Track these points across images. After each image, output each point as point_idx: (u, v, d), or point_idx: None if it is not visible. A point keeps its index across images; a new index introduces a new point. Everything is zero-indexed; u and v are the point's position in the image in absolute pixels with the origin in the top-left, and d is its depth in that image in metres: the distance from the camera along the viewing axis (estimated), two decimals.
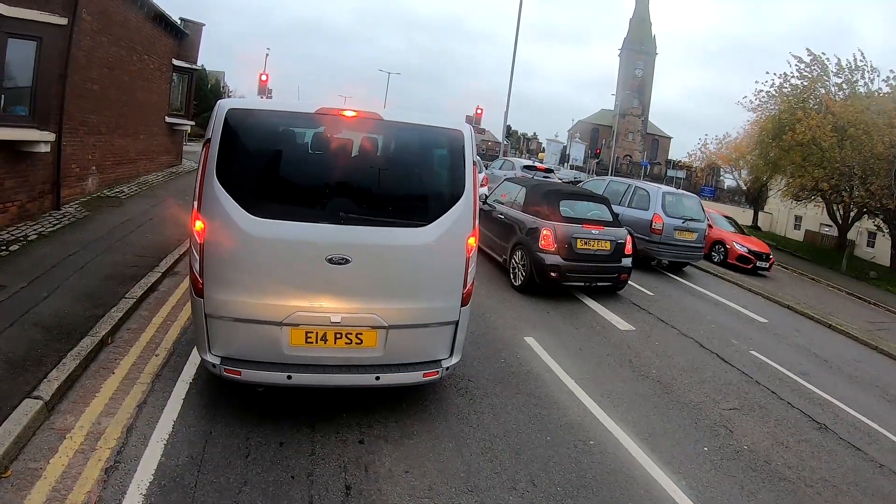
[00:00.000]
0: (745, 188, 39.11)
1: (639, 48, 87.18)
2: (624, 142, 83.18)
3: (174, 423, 4.55)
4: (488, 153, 57.86)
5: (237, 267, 4.13)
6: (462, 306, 4.51)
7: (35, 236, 9.34)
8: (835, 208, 28.02)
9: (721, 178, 52.57)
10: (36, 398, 4.53)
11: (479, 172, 16.88)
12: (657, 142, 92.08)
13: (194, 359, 5.49)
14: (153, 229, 10.64)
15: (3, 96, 9.21)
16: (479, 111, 29.45)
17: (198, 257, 4.12)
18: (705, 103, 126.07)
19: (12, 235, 9.15)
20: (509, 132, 38.60)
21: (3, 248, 8.54)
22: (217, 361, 4.27)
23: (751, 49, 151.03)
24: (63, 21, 10.12)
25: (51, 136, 10.17)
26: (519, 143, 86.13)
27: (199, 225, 4.10)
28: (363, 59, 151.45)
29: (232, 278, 4.14)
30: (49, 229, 9.85)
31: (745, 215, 35.58)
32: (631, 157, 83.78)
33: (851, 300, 18.08)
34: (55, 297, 6.77)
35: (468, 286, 4.50)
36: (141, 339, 6.06)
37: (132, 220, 11.22)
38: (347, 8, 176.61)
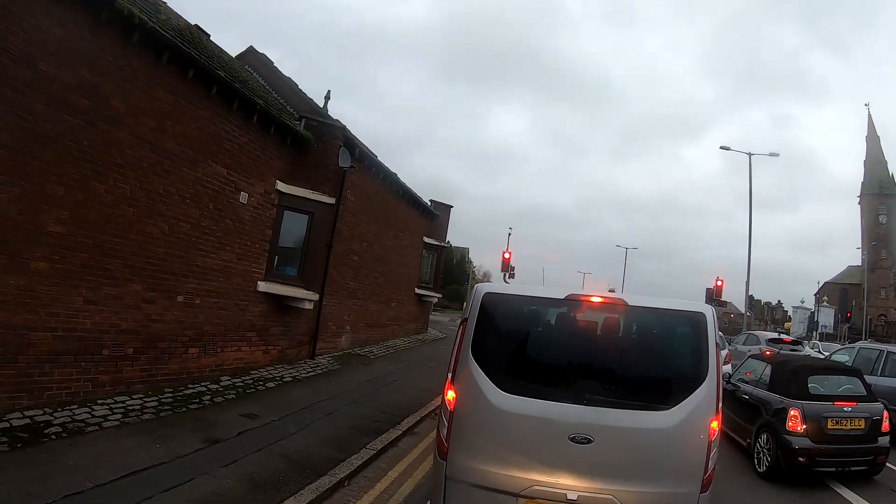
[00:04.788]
0: None
1: (878, 191, 76.91)
2: (876, 300, 70.40)
3: None
4: (731, 326, 52.87)
5: (483, 436, 4.33)
6: (702, 493, 4.26)
7: (290, 379, 10.34)
8: None
9: None
10: None
11: (722, 349, 15.76)
12: None
13: None
14: (397, 390, 11.10)
15: (276, 257, 10.91)
16: (718, 283, 27.08)
17: (446, 423, 4.40)
18: None
19: (270, 374, 10.26)
20: (752, 303, 34.79)
21: (262, 384, 9.55)
22: None
23: None
24: (331, 200, 11.96)
25: (315, 296, 11.59)
26: (763, 313, 77.35)
27: (451, 394, 4.43)
28: (590, 238, 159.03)
29: (476, 446, 4.34)
30: (303, 375, 10.86)
31: None
32: (885, 315, 70.84)
33: None
34: (302, 434, 7.27)
35: (709, 472, 4.29)
36: (375, 488, 6.19)
37: (378, 379, 11.88)
38: (567, 196, 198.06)
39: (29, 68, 5.87)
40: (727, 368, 12.09)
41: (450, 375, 4.49)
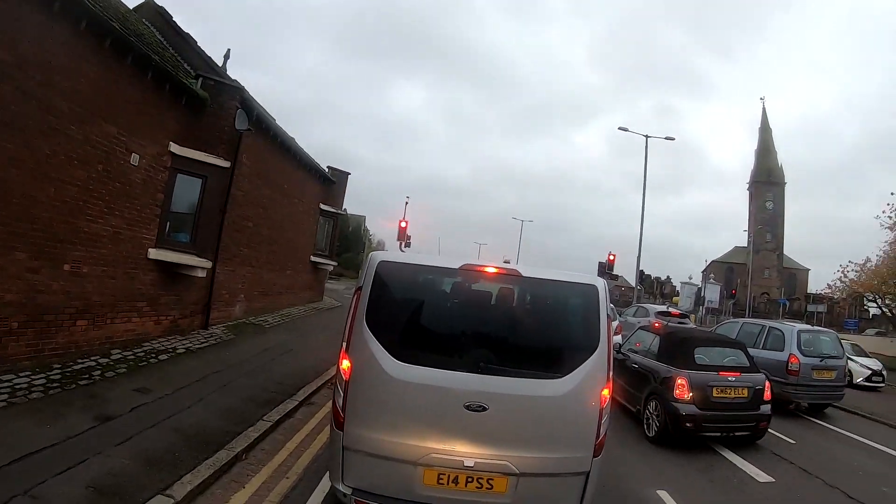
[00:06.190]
0: (891, 315, 33.63)
1: (766, 179, 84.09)
2: (760, 279, 76.97)
3: None
4: (622, 299, 56.29)
5: (378, 406, 4.33)
6: (594, 457, 4.44)
7: (183, 350, 10.00)
8: None
9: (865, 307, 46.26)
10: (168, 496, 4.78)
11: (613, 321, 16.54)
12: (794, 276, 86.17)
13: (323, 486, 5.48)
14: (293, 359, 11.00)
15: (168, 223, 10.40)
16: (611, 257, 28.65)
17: (342, 393, 4.37)
18: (842, 229, 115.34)
19: (162, 346, 9.87)
20: (642, 277, 37.47)
21: (154, 356, 9.18)
22: (348, 492, 4.37)
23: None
24: (226, 164, 11.46)
25: (208, 264, 11.17)
26: (652, 287, 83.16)
27: (346, 364, 4.39)
28: (487, 211, 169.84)
29: (372, 416, 4.34)
30: (196, 346, 10.55)
31: (893, 345, 29.21)
32: (768, 294, 78.13)
33: None
34: (196, 408, 7.09)
35: (601, 437, 4.46)
36: (274, 461, 6.16)
37: (274, 349, 11.73)
38: (465, 170, 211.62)
39: None
40: (617, 339, 12.47)
41: (344, 345, 4.46)
